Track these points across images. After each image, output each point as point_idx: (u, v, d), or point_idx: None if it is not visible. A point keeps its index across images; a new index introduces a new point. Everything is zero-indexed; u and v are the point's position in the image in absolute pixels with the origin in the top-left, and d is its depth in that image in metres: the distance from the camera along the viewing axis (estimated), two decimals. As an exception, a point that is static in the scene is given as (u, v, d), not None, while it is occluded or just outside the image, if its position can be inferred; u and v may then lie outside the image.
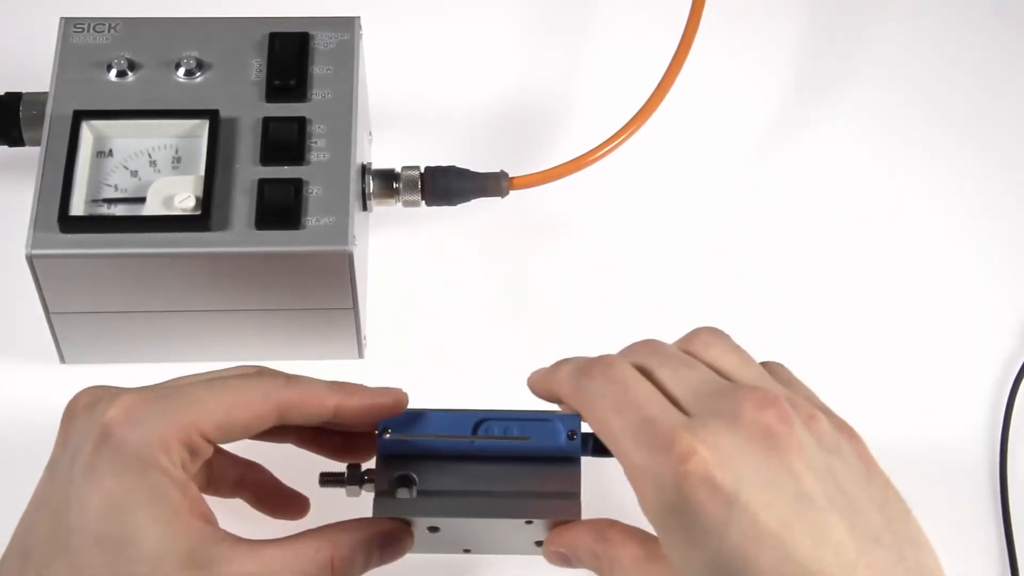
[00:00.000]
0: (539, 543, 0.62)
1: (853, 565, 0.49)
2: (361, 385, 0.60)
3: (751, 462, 0.50)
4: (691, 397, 0.53)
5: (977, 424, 0.73)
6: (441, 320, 0.75)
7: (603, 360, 0.56)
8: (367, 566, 0.59)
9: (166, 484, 0.55)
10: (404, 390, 0.61)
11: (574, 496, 0.60)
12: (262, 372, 0.59)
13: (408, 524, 0.61)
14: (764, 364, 0.56)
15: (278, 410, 0.58)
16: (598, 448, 0.61)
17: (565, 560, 0.59)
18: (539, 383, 0.59)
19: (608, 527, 0.58)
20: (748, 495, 0.49)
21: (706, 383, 0.54)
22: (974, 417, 0.73)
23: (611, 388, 0.54)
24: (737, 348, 0.56)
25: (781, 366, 0.57)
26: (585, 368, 0.56)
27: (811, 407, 0.53)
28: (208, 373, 0.60)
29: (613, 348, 0.73)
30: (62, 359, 0.73)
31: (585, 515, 0.60)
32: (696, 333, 0.57)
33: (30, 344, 0.73)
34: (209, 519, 0.56)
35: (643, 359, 0.55)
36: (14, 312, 0.73)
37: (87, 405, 0.57)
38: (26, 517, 0.56)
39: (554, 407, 0.61)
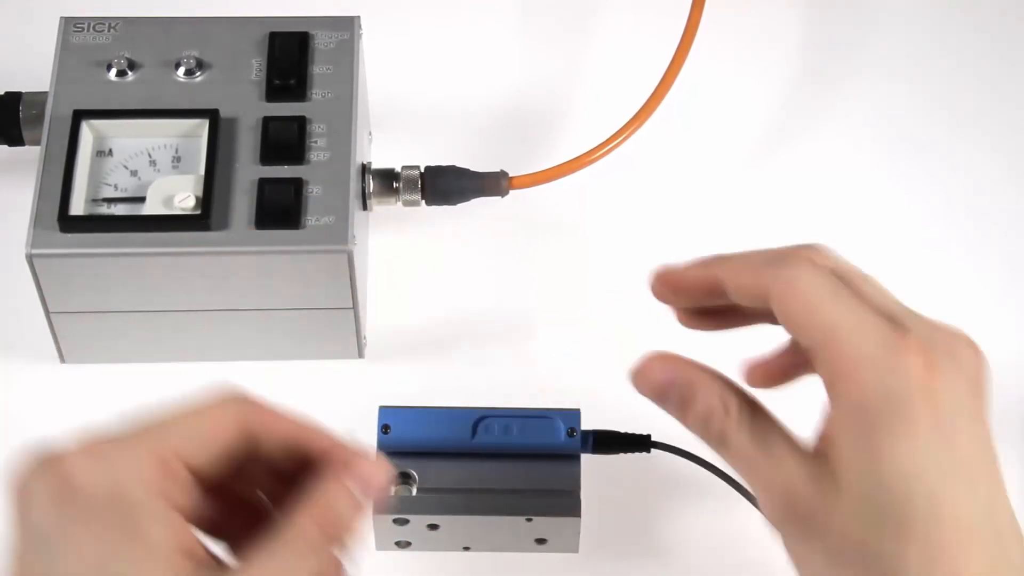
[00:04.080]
0: (539, 541, 0.62)
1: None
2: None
3: (946, 378, 0.50)
4: (904, 316, 0.52)
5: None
6: (441, 319, 0.75)
7: (799, 252, 0.54)
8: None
9: (144, 520, 0.48)
10: (384, 468, 0.52)
11: (574, 493, 0.61)
12: (225, 393, 0.52)
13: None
14: None
15: (243, 431, 0.51)
16: (597, 445, 0.61)
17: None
18: (687, 273, 0.57)
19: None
20: (950, 429, 0.49)
21: (902, 307, 0.53)
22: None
23: (827, 280, 0.52)
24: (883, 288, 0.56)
25: None
26: (779, 258, 0.54)
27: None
28: (166, 407, 0.53)
29: (613, 349, 0.73)
30: (62, 359, 0.73)
31: (584, 513, 0.60)
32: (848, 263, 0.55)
33: (30, 344, 0.72)
34: (193, 551, 0.49)
35: (830, 264, 0.54)
36: (14, 312, 0.73)
37: (34, 468, 0.49)
38: None
39: (553, 405, 0.61)
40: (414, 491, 0.60)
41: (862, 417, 0.49)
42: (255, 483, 0.53)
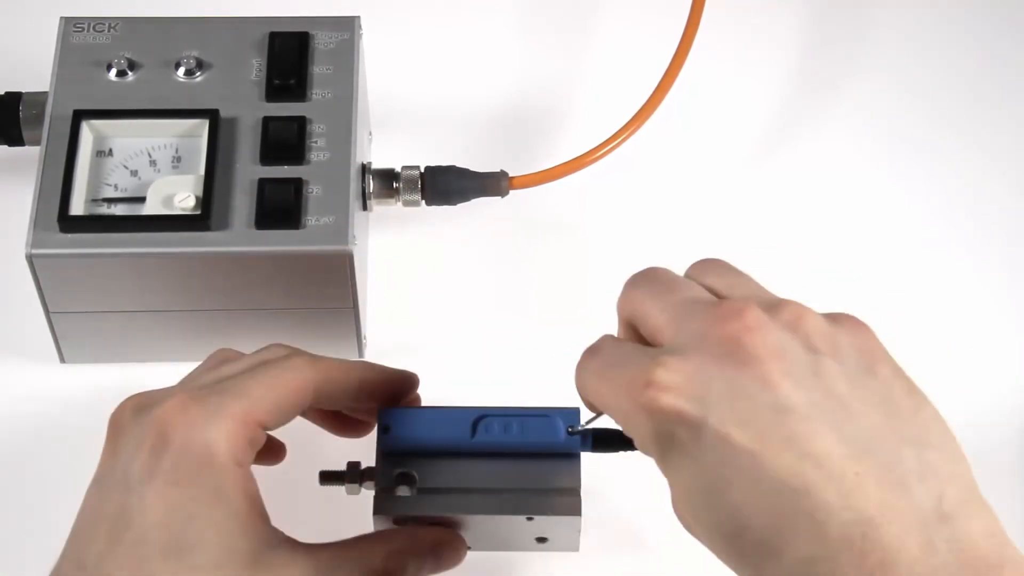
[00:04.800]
0: (540, 540, 0.62)
1: (840, 476, 0.46)
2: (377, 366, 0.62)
3: (719, 381, 0.48)
4: (672, 326, 0.51)
5: (987, 424, 0.73)
6: (441, 319, 0.75)
7: (593, 347, 0.55)
8: (419, 572, 0.60)
9: (228, 485, 0.54)
10: (416, 375, 0.62)
11: (575, 492, 0.60)
12: (291, 354, 0.60)
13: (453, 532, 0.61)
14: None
15: (315, 390, 0.58)
16: (597, 444, 0.61)
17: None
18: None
19: None
20: (717, 416, 0.47)
21: (685, 305, 0.51)
22: (978, 417, 0.73)
23: (594, 361, 0.54)
24: (734, 270, 0.54)
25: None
26: (583, 358, 0.55)
27: (801, 308, 0.50)
28: (243, 362, 0.60)
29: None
30: (62, 359, 0.73)
31: (585, 510, 0.60)
32: (696, 263, 0.55)
33: (30, 344, 0.73)
34: (266, 518, 0.56)
35: (634, 298, 0.54)
36: (14, 312, 0.73)
37: (134, 411, 0.56)
38: (78, 531, 0.55)
39: (554, 403, 0.61)
40: (414, 491, 0.60)
41: (657, 461, 0.50)
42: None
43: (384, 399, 0.61)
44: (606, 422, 0.63)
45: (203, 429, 0.54)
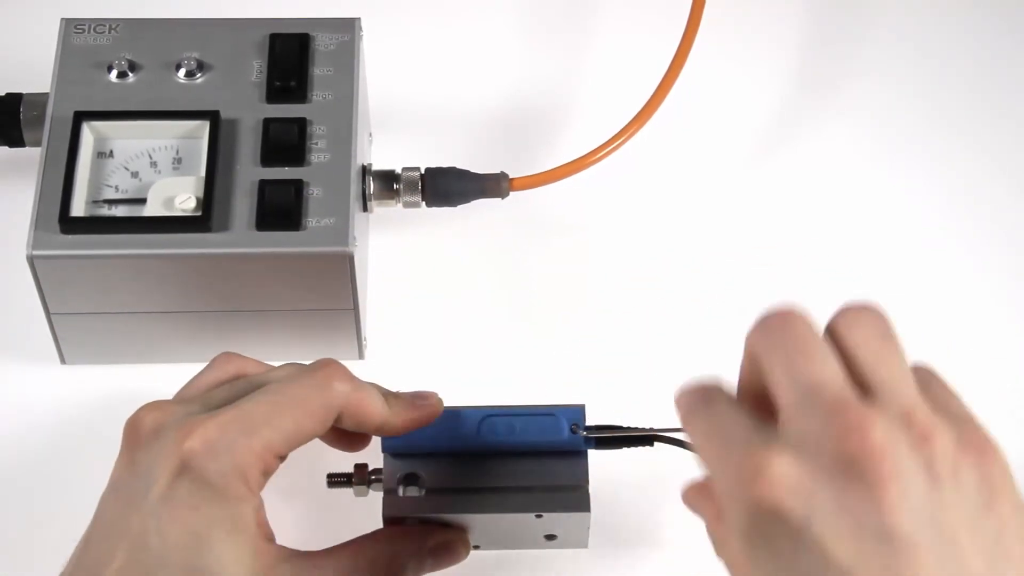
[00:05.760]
0: (548, 537, 0.62)
1: None
2: (404, 397, 0.61)
3: (830, 491, 0.46)
4: (793, 411, 0.48)
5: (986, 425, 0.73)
6: (441, 321, 0.75)
7: (707, 394, 0.52)
8: (420, 571, 0.61)
9: (244, 512, 0.55)
10: (438, 395, 0.62)
11: (583, 488, 0.61)
12: (326, 370, 0.59)
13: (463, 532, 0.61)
14: (921, 371, 0.51)
15: (337, 413, 0.58)
16: (601, 441, 0.61)
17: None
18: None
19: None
20: (820, 525, 0.46)
21: (813, 391, 0.48)
22: (983, 416, 0.73)
23: (705, 418, 0.51)
24: (884, 330, 0.50)
25: (927, 370, 0.51)
26: (695, 402, 0.52)
27: (931, 424, 0.47)
28: (261, 380, 0.59)
29: (613, 351, 0.74)
30: (63, 360, 0.73)
31: (594, 506, 0.60)
32: (846, 311, 0.51)
33: (30, 345, 0.73)
34: (272, 537, 0.58)
35: (762, 347, 0.50)
36: (14, 312, 0.73)
37: (155, 429, 0.57)
38: (95, 541, 0.56)
39: (557, 401, 0.61)
40: (422, 492, 0.60)
41: (740, 549, 0.48)
42: None
43: (403, 431, 0.61)
44: (605, 420, 0.64)
45: (222, 462, 0.55)
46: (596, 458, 0.62)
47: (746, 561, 0.48)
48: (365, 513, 0.62)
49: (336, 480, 0.63)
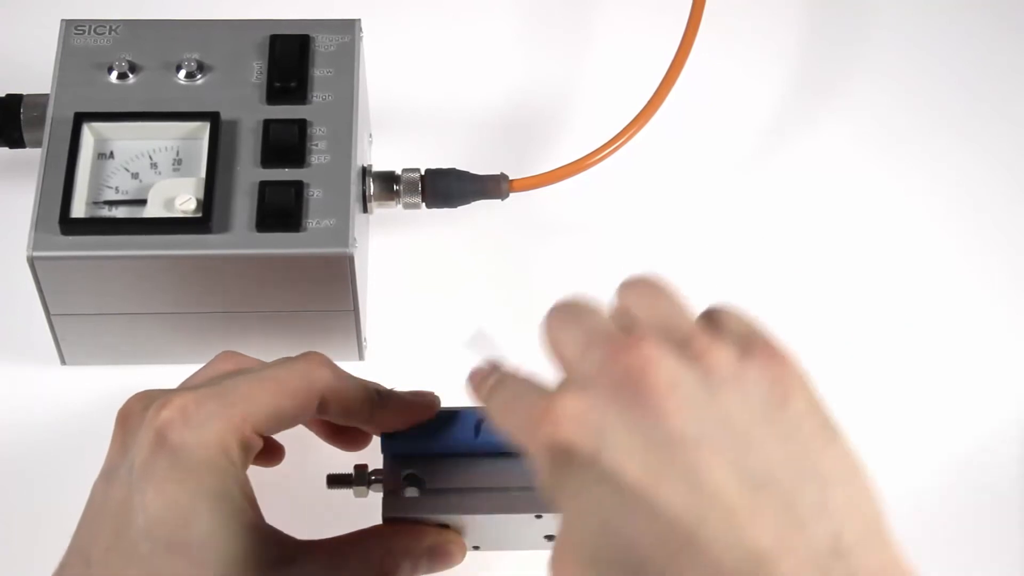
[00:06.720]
0: (548, 537, 0.62)
1: (733, 510, 0.44)
2: (398, 391, 0.62)
3: (614, 414, 0.46)
4: (576, 358, 0.49)
5: (984, 426, 0.73)
6: (441, 322, 0.75)
7: (497, 381, 0.54)
8: (414, 572, 0.60)
9: (228, 484, 0.55)
10: (436, 393, 0.62)
11: None
12: (308, 358, 0.59)
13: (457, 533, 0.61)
14: (708, 311, 0.51)
15: (320, 400, 0.58)
16: None
17: None
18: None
19: None
20: (611, 448, 0.46)
21: (590, 336, 0.49)
22: (981, 417, 0.73)
23: (496, 397, 0.53)
24: (658, 290, 0.52)
25: (717, 308, 0.51)
26: (491, 395, 0.54)
27: (707, 343, 0.48)
28: (249, 364, 0.60)
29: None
30: (63, 360, 0.73)
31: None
32: (623, 282, 0.53)
33: (31, 345, 0.73)
34: (261, 517, 0.57)
35: (549, 329, 0.52)
36: (15, 313, 0.73)
37: (140, 409, 0.57)
38: (85, 524, 0.56)
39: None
40: (423, 493, 0.60)
41: (552, 500, 0.49)
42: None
43: (399, 426, 0.61)
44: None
45: (198, 432, 0.55)
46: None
47: (561, 507, 0.48)
48: (365, 513, 0.62)
49: (336, 480, 0.63)
